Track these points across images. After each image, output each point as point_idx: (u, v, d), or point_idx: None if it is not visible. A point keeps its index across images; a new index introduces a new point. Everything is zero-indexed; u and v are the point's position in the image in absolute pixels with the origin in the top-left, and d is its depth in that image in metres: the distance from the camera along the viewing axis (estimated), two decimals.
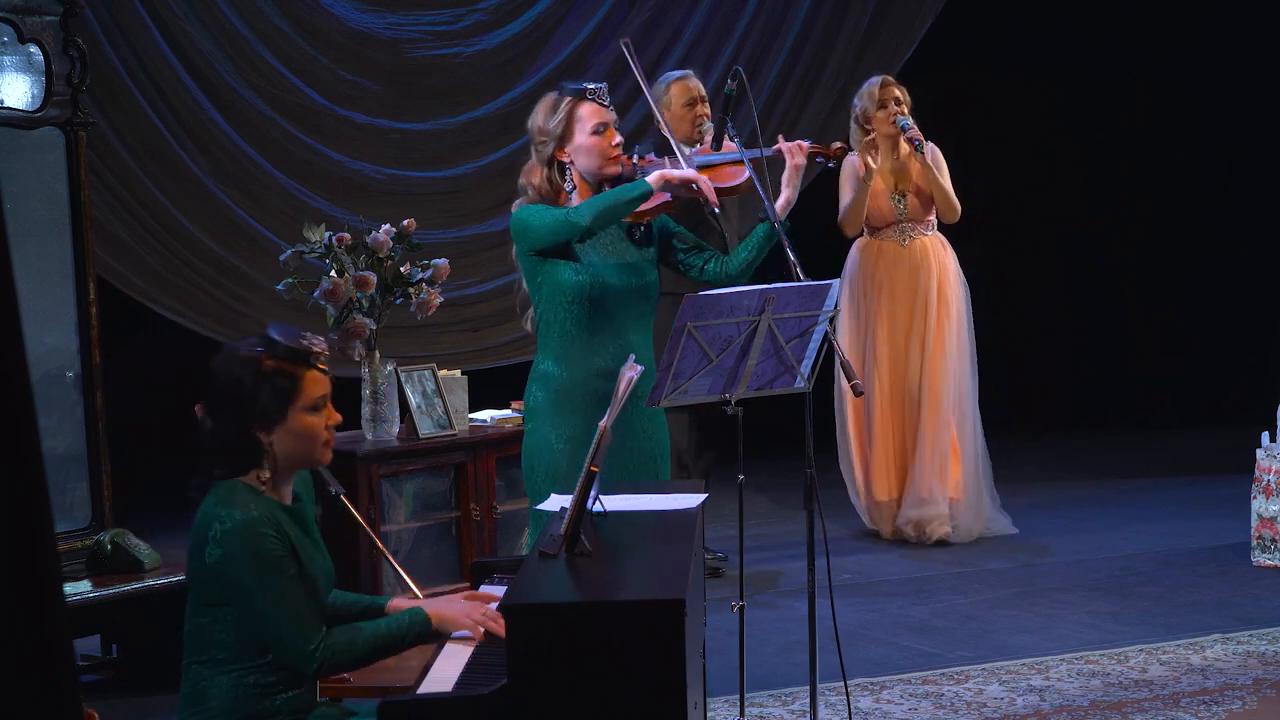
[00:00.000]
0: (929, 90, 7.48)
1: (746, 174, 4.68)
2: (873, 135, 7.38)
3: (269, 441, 3.31)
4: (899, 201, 7.44)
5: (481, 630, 3.36)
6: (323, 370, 3.37)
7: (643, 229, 4.60)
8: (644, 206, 4.53)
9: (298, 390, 3.31)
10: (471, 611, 3.39)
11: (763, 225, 4.59)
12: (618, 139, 4.52)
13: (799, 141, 4.70)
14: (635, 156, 4.64)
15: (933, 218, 7.51)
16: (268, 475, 3.32)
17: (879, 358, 7.43)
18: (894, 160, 7.45)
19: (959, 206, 7.44)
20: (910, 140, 7.29)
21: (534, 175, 4.55)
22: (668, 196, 4.54)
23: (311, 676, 3.33)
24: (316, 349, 3.36)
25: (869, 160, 7.35)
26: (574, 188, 4.52)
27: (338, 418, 3.40)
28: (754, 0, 9.11)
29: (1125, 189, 10.42)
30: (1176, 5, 10.22)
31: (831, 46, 9.23)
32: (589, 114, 4.49)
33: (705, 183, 4.45)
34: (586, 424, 4.46)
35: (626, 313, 4.48)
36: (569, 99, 4.51)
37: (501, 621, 3.30)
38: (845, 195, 7.47)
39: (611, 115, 4.53)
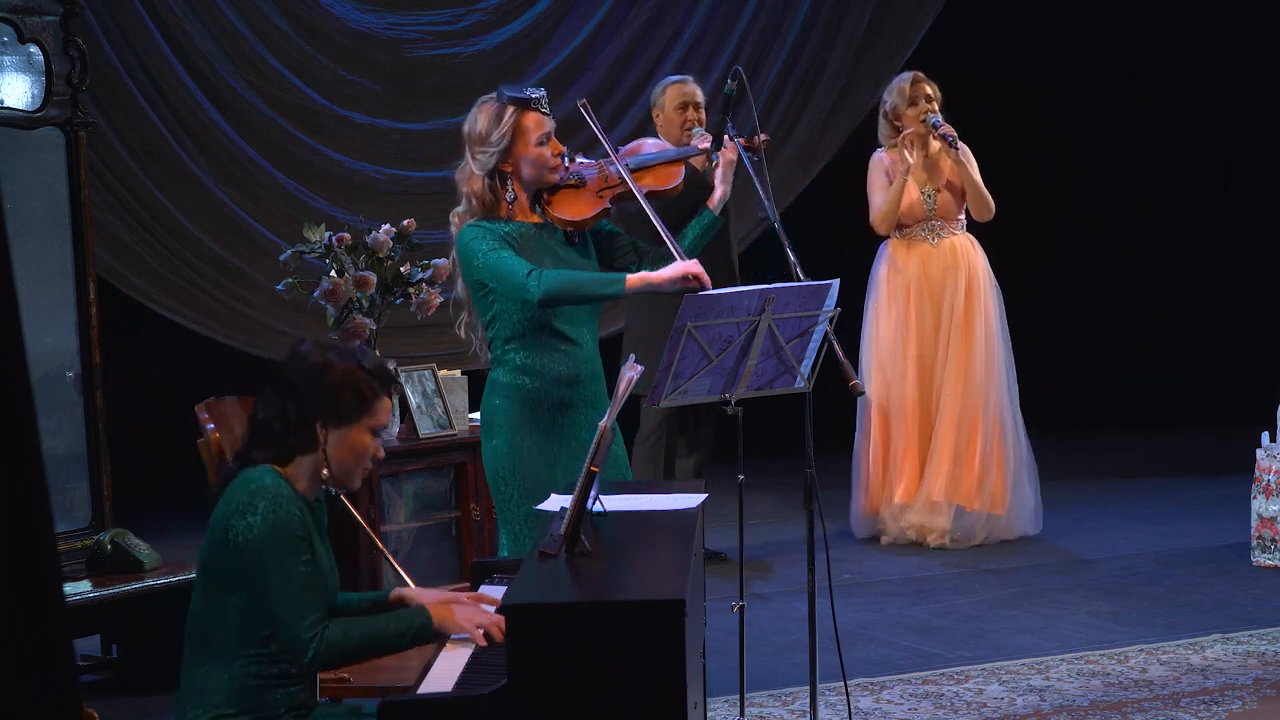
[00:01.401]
0: None
1: (680, 178, 4.67)
2: (909, 131, 7.31)
3: (325, 441, 3.37)
4: (929, 199, 7.39)
5: (481, 633, 3.35)
6: (390, 404, 3.47)
7: (579, 236, 4.58)
8: (583, 215, 4.52)
9: (374, 407, 3.40)
10: (475, 616, 3.38)
11: (697, 221, 4.58)
12: (560, 148, 4.51)
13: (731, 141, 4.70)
14: (565, 158, 4.59)
15: (963, 216, 7.46)
16: (326, 471, 3.39)
17: (909, 359, 7.37)
18: (924, 157, 7.42)
19: (993, 204, 7.40)
20: (944, 137, 7.25)
21: (474, 183, 4.49)
22: (607, 205, 4.53)
23: (307, 666, 3.32)
24: (398, 379, 3.45)
25: (906, 155, 7.30)
26: (514, 198, 4.50)
27: (382, 453, 3.49)
28: (754, 0, 9.11)
29: (1125, 189, 10.41)
30: (1176, 5, 10.21)
31: (831, 46, 9.23)
32: (534, 125, 4.45)
33: (698, 271, 4.31)
34: (552, 430, 4.47)
35: (577, 316, 4.47)
36: (513, 109, 4.44)
37: (503, 627, 3.30)
38: (875, 193, 7.41)
39: (552, 124, 4.50)
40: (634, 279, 4.34)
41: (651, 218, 4.40)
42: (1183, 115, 10.40)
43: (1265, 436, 6.88)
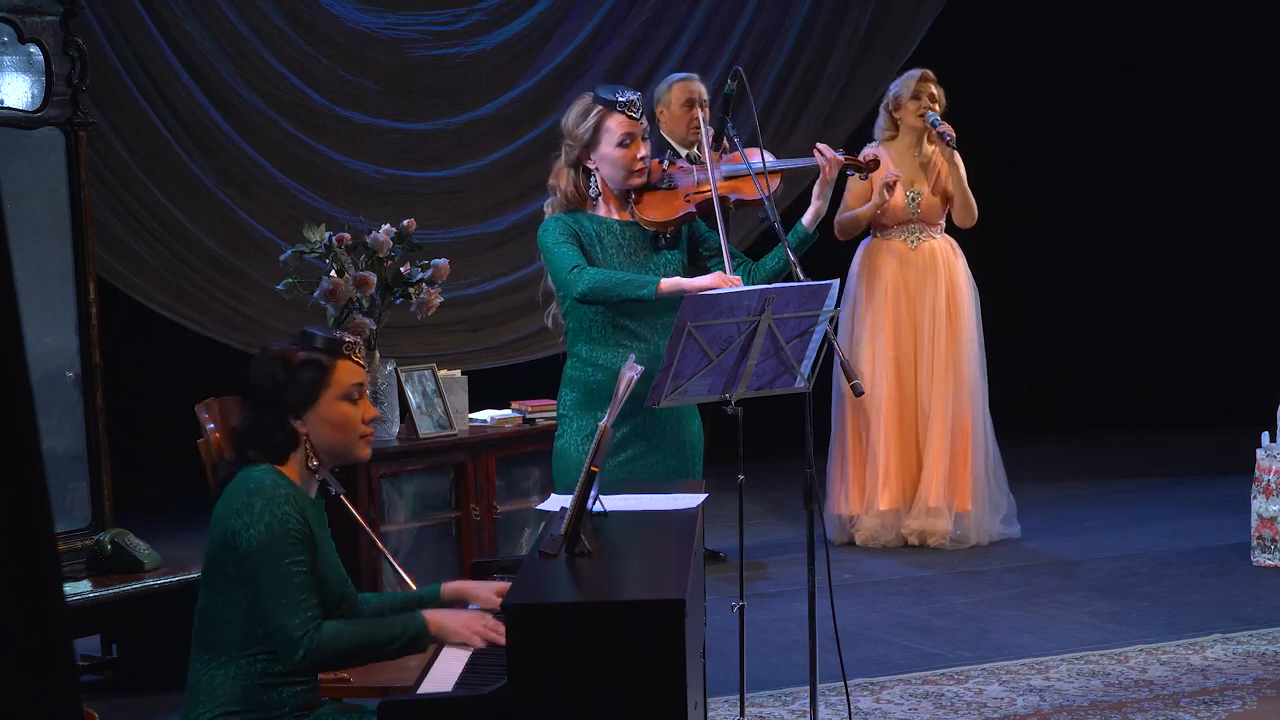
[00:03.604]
0: None
1: (774, 187, 4.70)
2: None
3: (305, 431, 3.38)
4: (913, 200, 7.37)
5: (479, 639, 3.34)
6: (357, 363, 3.45)
7: (667, 236, 4.63)
8: (664, 217, 4.58)
9: (329, 377, 3.40)
10: (472, 624, 3.37)
11: (792, 235, 4.61)
12: (643, 152, 4.57)
13: (833, 154, 4.71)
14: (665, 162, 4.68)
15: (943, 221, 7.44)
16: (315, 462, 3.40)
17: (885, 363, 7.32)
18: (916, 156, 7.39)
19: (977, 210, 7.35)
20: (941, 135, 7.21)
21: (561, 178, 4.62)
22: (691, 209, 4.59)
23: (298, 665, 3.30)
24: (349, 340, 3.46)
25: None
26: (599, 194, 4.60)
27: (374, 412, 3.49)
28: (754, 0, 9.11)
29: (1125, 189, 10.42)
30: (1176, 5, 10.22)
31: (831, 46, 9.23)
32: (617, 125, 4.54)
33: (735, 281, 4.38)
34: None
35: (652, 317, 4.49)
36: (600, 108, 4.56)
37: (503, 632, 3.29)
38: (851, 192, 7.39)
39: (640, 127, 4.58)
40: (667, 284, 4.43)
41: (719, 230, 4.50)
42: (1183, 115, 10.40)
43: (1265, 436, 6.88)
